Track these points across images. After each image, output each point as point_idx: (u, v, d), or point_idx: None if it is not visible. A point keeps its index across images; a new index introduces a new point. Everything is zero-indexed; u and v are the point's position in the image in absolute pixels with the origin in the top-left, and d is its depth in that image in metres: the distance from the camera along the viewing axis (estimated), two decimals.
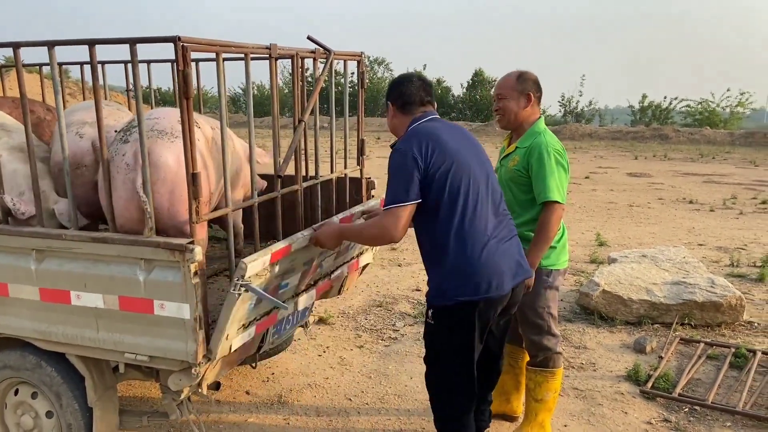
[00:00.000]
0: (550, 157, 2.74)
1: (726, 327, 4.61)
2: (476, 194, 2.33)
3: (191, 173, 2.04)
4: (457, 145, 2.36)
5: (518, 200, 2.87)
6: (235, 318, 2.19)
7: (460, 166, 2.31)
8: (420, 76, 2.59)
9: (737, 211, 9.35)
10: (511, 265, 2.39)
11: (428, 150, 2.28)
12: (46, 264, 2.33)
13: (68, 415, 2.49)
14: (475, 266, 2.28)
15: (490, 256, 2.30)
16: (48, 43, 2.23)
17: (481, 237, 2.30)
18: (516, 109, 2.86)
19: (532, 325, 2.93)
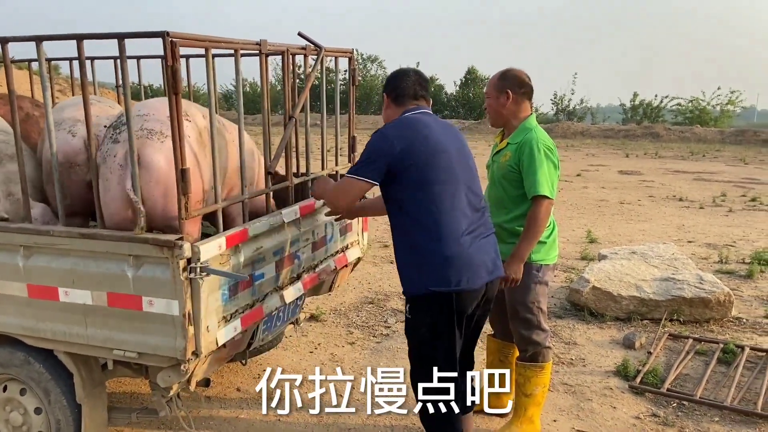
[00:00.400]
0: (540, 153, 2.77)
1: (714, 323, 4.64)
2: (453, 189, 2.36)
3: (180, 169, 2.04)
4: (439, 138, 2.39)
5: (510, 196, 2.89)
6: (208, 307, 2.18)
7: (437, 159, 2.34)
8: (416, 72, 2.63)
9: (726, 209, 9.41)
10: (486, 262, 2.42)
11: (407, 139, 2.33)
12: (34, 260, 2.32)
13: (57, 411, 2.48)
14: (448, 259, 2.31)
15: (464, 251, 2.33)
16: (36, 38, 2.22)
17: (455, 231, 2.32)
18: (496, 106, 2.91)
19: (522, 320, 2.95)
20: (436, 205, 2.32)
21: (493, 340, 3.29)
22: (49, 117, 2.29)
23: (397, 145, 2.31)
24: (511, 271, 2.75)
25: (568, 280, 5.64)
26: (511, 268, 2.75)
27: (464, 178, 2.41)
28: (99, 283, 2.21)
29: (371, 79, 34.13)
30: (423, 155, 2.32)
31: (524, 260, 2.78)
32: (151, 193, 2.33)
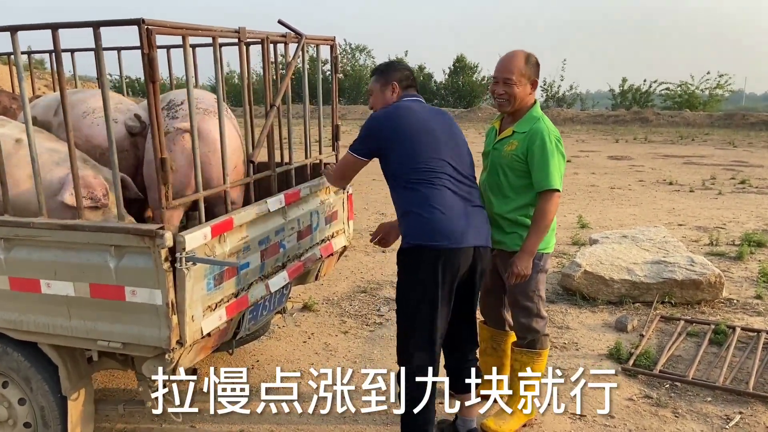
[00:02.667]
0: (552, 144, 2.70)
1: (706, 304, 4.66)
2: (439, 164, 2.53)
3: (159, 158, 2.00)
4: (424, 120, 2.60)
5: (512, 185, 2.80)
6: (193, 297, 2.16)
7: (422, 137, 2.55)
8: (405, 63, 2.87)
9: (716, 192, 9.45)
10: (477, 226, 2.58)
11: (394, 122, 2.57)
12: (15, 253, 2.29)
13: (39, 398, 2.45)
14: (432, 220, 2.48)
15: (448, 214, 2.49)
16: (11, 29, 2.17)
17: (440, 199, 2.50)
18: (523, 95, 2.76)
19: (522, 308, 2.92)
20: (422, 178, 2.50)
21: (485, 327, 3.27)
22: (26, 109, 2.24)
23: (385, 127, 2.57)
24: (522, 266, 2.70)
25: (560, 265, 5.64)
26: (521, 263, 2.70)
27: (450, 155, 2.58)
28: (81, 274, 2.18)
29: (360, 69, 33.97)
30: (408, 134, 2.54)
31: (534, 254, 2.73)
32: (209, 162, 2.65)
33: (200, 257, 2.14)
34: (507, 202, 2.82)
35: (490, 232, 2.69)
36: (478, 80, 30.88)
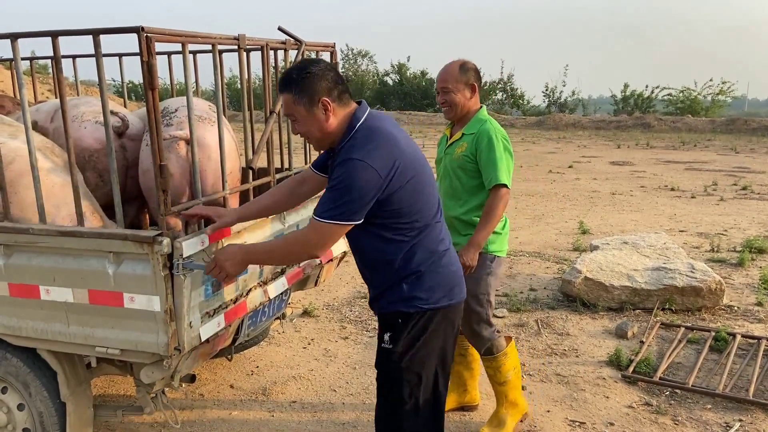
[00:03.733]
0: (499, 143, 2.79)
1: (706, 311, 4.65)
2: (434, 202, 2.15)
3: (158, 165, 2.01)
4: (410, 149, 2.06)
5: (465, 186, 2.87)
6: (191, 303, 2.16)
7: (419, 175, 2.05)
8: (325, 64, 2.08)
9: (718, 198, 9.43)
10: (460, 271, 2.29)
11: (394, 166, 1.95)
12: (15, 259, 2.30)
13: (38, 402, 2.46)
14: (442, 274, 2.14)
15: (452, 263, 2.20)
16: (11, 36, 2.18)
17: (441, 244, 2.16)
18: (463, 101, 2.87)
19: (472, 313, 2.88)
20: (425, 223, 2.09)
21: None
22: (26, 115, 2.25)
23: (385, 180, 1.93)
24: (468, 258, 2.71)
25: (560, 271, 5.64)
26: (468, 255, 2.72)
27: (435, 187, 2.19)
28: (80, 281, 2.18)
29: (362, 74, 34.05)
30: (410, 178, 2.01)
31: (481, 248, 2.77)
32: (206, 169, 2.62)
33: (195, 263, 2.14)
34: (461, 204, 2.88)
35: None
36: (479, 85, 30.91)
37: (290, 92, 1.97)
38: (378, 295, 2.18)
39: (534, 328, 4.43)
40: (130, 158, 2.92)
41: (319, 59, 2.25)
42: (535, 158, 14.80)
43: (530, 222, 7.92)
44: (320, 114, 1.97)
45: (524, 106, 31.34)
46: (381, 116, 2.11)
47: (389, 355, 2.15)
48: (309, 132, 2.04)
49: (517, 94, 31.45)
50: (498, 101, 31.68)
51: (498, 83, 31.32)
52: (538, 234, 7.27)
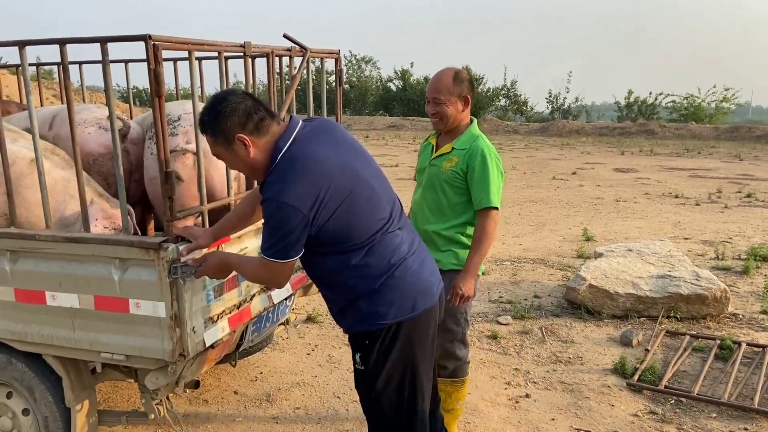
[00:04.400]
0: (493, 163, 2.68)
1: (711, 319, 4.63)
2: (382, 212, 2.02)
3: (164, 171, 2.02)
4: (343, 165, 1.94)
5: (451, 203, 2.75)
6: (192, 308, 2.16)
7: (358, 187, 1.95)
8: (237, 90, 2.03)
9: (722, 205, 9.41)
10: (433, 271, 2.18)
11: (318, 198, 1.84)
12: (21, 264, 2.31)
13: (43, 407, 2.46)
14: (401, 285, 2.03)
15: (413, 270, 2.07)
16: (18, 43, 2.20)
17: (397, 253, 2.03)
18: (455, 113, 2.71)
19: (448, 332, 2.79)
20: (369, 235, 1.98)
21: None
22: (33, 121, 2.26)
23: (311, 212, 1.85)
24: (466, 287, 2.63)
25: (564, 279, 5.62)
26: (465, 285, 2.63)
27: (383, 193, 2.06)
28: (86, 287, 2.19)
29: (365, 80, 34.14)
30: (344, 198, 1.90)
31: (476, 275, 2.68)
32: (211, 176, 2.67)
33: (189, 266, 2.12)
34: (444, 219, 2.76)
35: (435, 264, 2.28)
36: (483, 91, 30.96)
37: (207, 134, 1.94)
38: (338, 314, 2.14)
39: (538, 336, 4.42)
40: (133, 162, 2.94)
41: (231, 90, 2.05)
42: (539, 165, 14.80)
43: (534, 229, 7.91)
44: (240, 150, 1.90)
45: (528, 112, 31.37)
46: (310, 134, 1.96)
47: (363, 375, 2.12)
48: (238, 169, 2.02)
49: (521, 101, 31.50)
50: (501, 107, 31.72)
51: (501, 89, 31.36)
52: (541, 241, 7.26)
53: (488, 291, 5.40)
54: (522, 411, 3.40)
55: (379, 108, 34.08)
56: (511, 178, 12.48)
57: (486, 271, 5.91)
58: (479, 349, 4.19)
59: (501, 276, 5.87)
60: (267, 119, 1.92)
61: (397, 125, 27.69)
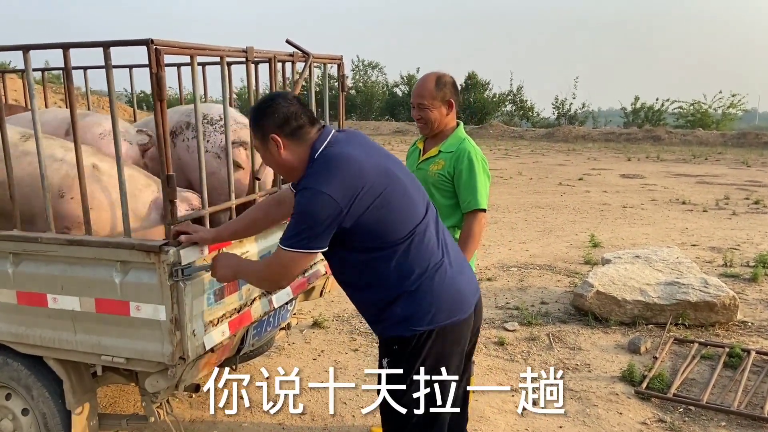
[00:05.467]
0: (479, 165, 2.68)
1: (720, 327, 4.57)
2: (416, 211, 2.00)
3: (165, 175, 2.01)
4: (378, 166, 1.95)
5: (438, 205, 2.70)
6: (193, 311, 2.15)
7: (392, 185, 1.95)
8: (287, 93, 2.12)
9: (730, 212, 9.34)
10: (471, 280, 2.15)
11: (356, 192, 1.86)
12: (23, 267, 2.30)
13: (41, 405, 2.45)
14: (436, 290, 1.99)
15: (448, 276, 2.03)
16: (23, 48, 2.20)
17: (433, 257, 2.00)
18: (439, 117, 2.71)
19: None
20: (403, 235, 1.95)
21: None
22: (37, 125, 2.25)
23: (344, 206, 1.85)
24: None
25: (571, 285, 5.58)
26: None
27: (419, 196, 2.06)
28: (87, 289, 2.18)
29: (372, 86, 34.24)
30: (379, 195, 1.90)
31: None
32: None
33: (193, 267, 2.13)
34: None
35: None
36: (489, 97, 30.97)
37: (251, 128, 2.03)
38: (373, 320, 2.09)
39: (546, 342, 4.38)
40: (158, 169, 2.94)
41: (283, 93, 2.12)
42: (545, 170, 14.76)
43: (540, 235, 7.87)
44: (273, 149, 1.95)
45: (534, 118, 31.38)
46: (344, 139, 2.00)
47: (388, 380, 2.07)
48: (270, 165, 2.08)
49: (527, 106, 31.50)
50: (507, 113, 31.74)
51: (507, 95, 31.38)
52: (548, 247, 7.22)
53: (495, 297, 5.36)
54: (529, 419, 3.35)
55: (385, 113, 34.17)
56: (517, 184, 12.45)
57: (493, 277, 5.91)
58: (486, 355, 4.16)
59: (508, 282, 5.83)
60: (306, 128, 1.97)
61: (403, 130, 27.74)
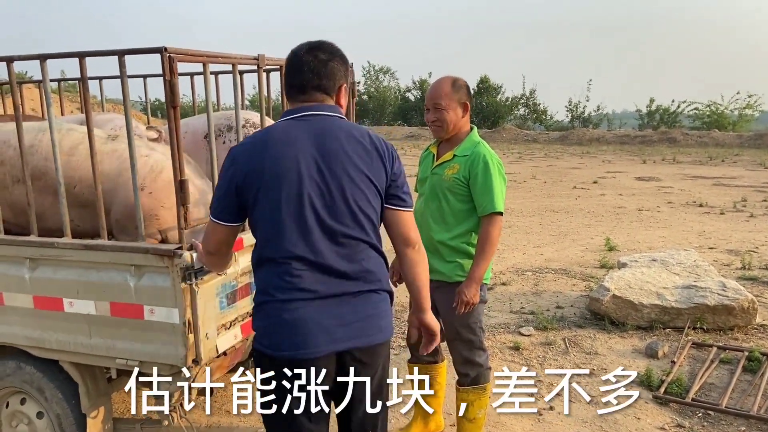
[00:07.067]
0: (495, 168, 2.67)
1: (738, 330, 4.50)
2: (286, 234, 1.72)
3: (179, 180, 2.03)
4: (285, 154, 1.72)
5: (453, 210, 2.72)
6: (206, 314, 2.16)
7: (268, 191, 1.71)
8: (314, 48, 1.82)
9: (748, 214, 9.22)
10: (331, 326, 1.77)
11: (246, 162, 1.71)
12: (40, 272, 2.34)
13: (55, 406, 2.48)
14: (272, 320, 1.75)
15: (289, 317, 1.74)
16: (40, 57, 2.24)
17: (281, 292, 1.73)
18: (455, 119, 2.70)
19: (465, 341, 2.78)
20: (264, 248, 1.77)
21: (414, 365, 2.99)
22: (54, 135, 2.28)
23: (238, 171, 1.72)
24: (470, 294, 2.61)
25: (587, 289, 5.53)
26: (470, 291, 2.61)
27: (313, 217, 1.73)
28: (102, 293, 2.22)
29: (384, 90, 34.30)
30: (258, 186, 1.71)
31: (481, 281, 2.65)
32: None
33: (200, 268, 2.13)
34: (448, 228, 2.73)
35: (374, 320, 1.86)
36: (502, 101, 30.90)
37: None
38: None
39: (561, 347, 4.34)
40: None
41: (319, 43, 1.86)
42: (559, 174, 14.68)
43: (555, 238, 7.81)
44: None
45: (547, 121, 31.24)
46: (303, 118, 1.80)
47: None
48: None
49: (540, 109, 31.37)
50: (521, 116, 31.64)
51: (520, 98, 31.28)
52: (563, 251, 7.16)
53: (510, 302, 5.33)
54: (546, 423, 3.33)
55: (397, 118, 34.21)
56: (531, 188, 12.39)
57: (507, 281, 5.87)
58: (501, 360, 4.12)
59: (523, 286, 5.79)
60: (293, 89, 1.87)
61: (415, 135, 27.74)
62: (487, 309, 4.63)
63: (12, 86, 2.39)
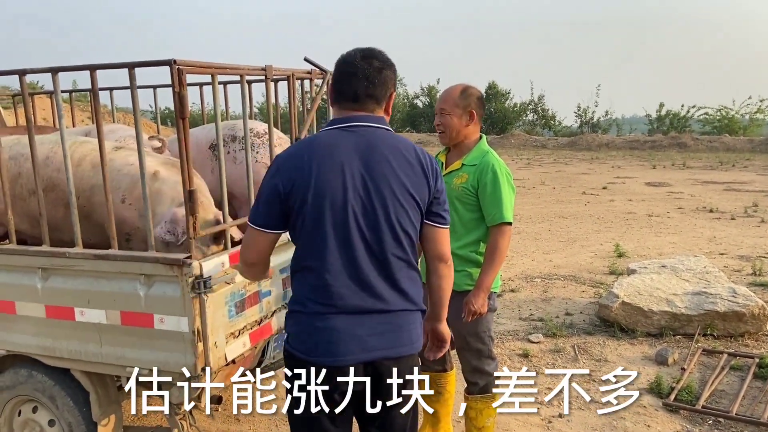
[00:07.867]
0: (504, 177, 2.67)
1: (749, 337, 4.47)
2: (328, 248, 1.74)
3: (188, 190, 2.06)
4: (331, 164, 1.73)
5: (462, 220, 2.73)
6: (214, 323, 2.18)
7: (320, 204, 1.72)
8: (367, 55, 1.81)
9: (759, 219, 9.14)
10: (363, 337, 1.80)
11: (289, 172, 1.73)
12: (52, 282, 2.37)
13: (66, 414, 2.51)
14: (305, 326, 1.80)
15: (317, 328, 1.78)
16: (51, 70, 2.28)
17: (312, 304, 1.77)
18: (458, 125, 2.70)
19: (474, 351, 2.78)
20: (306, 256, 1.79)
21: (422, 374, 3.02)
22: (65, 145, 2.32)
23: (284, 178, 1.73)
24: (478, 304, 2.61)
25: (596, 295, 5.51)
26: (477, 301, 2.61)
27: (358, 235, 1.75)
28: (113, 302, 2.24)
29: None
30: (303, 196, 1.72)
31: (489, 291, 2.65)
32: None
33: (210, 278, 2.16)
34: (457, 237, 2.70)
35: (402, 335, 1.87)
36: (510, 107, 30.85)
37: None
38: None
39: (571, 354, 4.32)
40: None
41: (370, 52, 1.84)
42: (568, 179, 14.63)
43: (564, 245, 7.79)
44: None
45: (556, 126, 31.14)
46: (351, 130, 1.80)
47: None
48: None
49: (549, 115, 31.29)
50: (529, 122, 31.56)
51: (529, 104, 31.23)
52: (572, 257, 7.14)
53: (519, 308, 5.32)
54: (555, 431, 3.32)
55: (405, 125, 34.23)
56: (539, 194, 12.36)
57: (516, 288, 5.86)
58: (510, 367, 4.11)
59: (531, 293, 5.78)
60: (341, 96, 1.87)
61: (424, 141, 27.69)
62: (495, 316, 4.62)
63: (24, 99, 2.44)
